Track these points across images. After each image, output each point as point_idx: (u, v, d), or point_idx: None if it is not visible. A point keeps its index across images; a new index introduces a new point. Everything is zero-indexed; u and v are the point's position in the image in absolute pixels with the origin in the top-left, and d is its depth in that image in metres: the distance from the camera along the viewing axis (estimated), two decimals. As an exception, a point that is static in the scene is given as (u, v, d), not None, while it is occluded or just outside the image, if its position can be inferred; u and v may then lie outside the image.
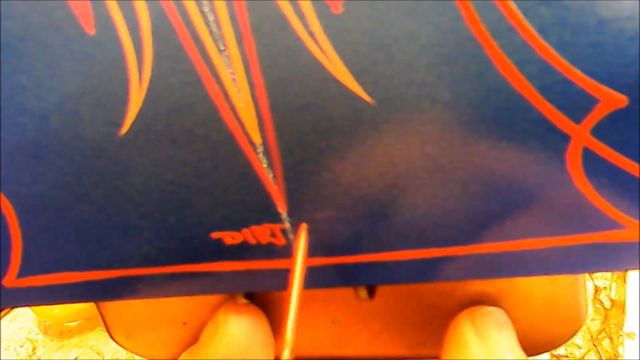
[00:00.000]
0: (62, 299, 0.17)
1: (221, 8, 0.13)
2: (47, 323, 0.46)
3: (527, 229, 0.14)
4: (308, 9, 0.13)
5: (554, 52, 0.12)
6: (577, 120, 0.13)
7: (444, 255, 0.15)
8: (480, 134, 0.13)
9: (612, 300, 0.40)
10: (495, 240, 0.14)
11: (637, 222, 0.14)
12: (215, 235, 0.15)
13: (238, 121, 0.14)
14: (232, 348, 0.17)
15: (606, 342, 0.38)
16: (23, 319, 0.47)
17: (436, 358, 0.19)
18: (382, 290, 0.18)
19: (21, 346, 0.46)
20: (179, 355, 0.20)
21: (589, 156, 0.13)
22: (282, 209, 0.15)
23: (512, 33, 0.12)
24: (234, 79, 0.14)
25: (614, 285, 0.40)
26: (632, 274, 0.40)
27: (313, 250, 0.15)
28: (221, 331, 0.17)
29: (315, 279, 0.16)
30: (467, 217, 0.14)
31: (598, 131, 0.13)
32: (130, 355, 0.21)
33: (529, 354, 0.19)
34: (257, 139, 0.14)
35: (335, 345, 0.19)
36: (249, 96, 0.14)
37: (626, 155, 0.13)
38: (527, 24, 0.12)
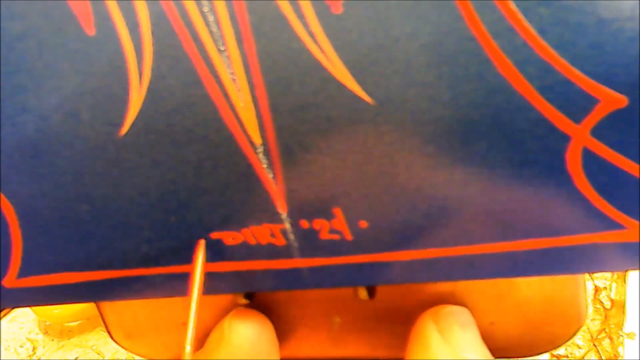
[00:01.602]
0: (62, 299, 0.17)
1: (221, 8, 0.13)
2: (47, 323, 0.46)
3: (527, 229, 0.14)
4: (308, 9, 0.13)
5: (553, 52, 0.12)
6: (577, 121, 0.13)
7: (444, 256, 0.15)
8: (480, 134, 0.13)
9: (612, 300, 0.40)
10: (495, 240, 0.14)
11: (637, 222, 0.14)
12: (215, 235, 0.15)
13: (238, 121, 0.14)
14: (238, 356, 0.17)
15: (606, 342, 0.38)
16: (23, 319, 0.47)
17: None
18: (382, 290, 0.18)
19: (21, 346, 0.46)
20: (179, 355, 0.20)
21: (589, 156, 0.13)
22: (282, 209, 0.15)
23: (512, 33, 0.12)
24: (233, 79, 0.14)
25: (614, 285, 0.40)
26: (632, 274, 0.40)
27: (313, 250, 0.15)
28: (227, 339, 0.17)
29: (315, 278, 0.16)
30: (467, 218, 0.14)
31: (598, 131, 0.13)
32: (130, 355, 0.21)
33: (529, 354, 0.19)
34: (257, 139, 0.14)
35: (335, 345, 0.19)
36: (248, 96, 0.14)
37: (626, 155, 0.13)
38: (526, 24, 0.12)
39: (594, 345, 0.38)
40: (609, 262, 0.14)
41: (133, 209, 0.15)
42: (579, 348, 0.38)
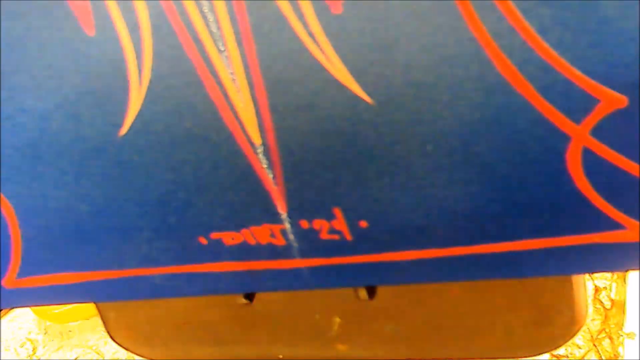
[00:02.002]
0: (62, 299, 0.17)
1: (221, 8, 0.13)
2: (47, 323, 0.46)
3: (527, 229, 0.14)
4: (308, 9, 0.13)
5: (554, 53, 0.12)
6: (577, 121, 0.13)
7: (444, 256, 0.15)
8: (480, 134, 0.13)
9: (612, 300, 0.40)
10: (495, 240, 0.14)
11: (637, 222, 0.14)
12: (215, 235, 0.15)
13: (238, 121, 0.14)
14: None
15: (606, 342, 0.38)
16: (23, 319, 0.47)
17: (436, 358, 0.19)
18: (382, 290, 0.18)
19: (21, 346, 0.46)
20: (179, 355, 0.20)
21: (589, 156, 0.13)
22: (282, 209, 0.15)
23: (512, 33, 0.12)
24: (233, 79, 0.14)
25: (614, 285, 0.40)
26: (632, 274, 0.40)
27: (314, 251, 0.15)
28: None
29: (315, 279, 0.16)
30: (467, 218, 0.14)
31: (598, 131, 0.13)
32: (130, 355, 0.21)
33: (529, 354, 0.19)
34: (257, 139, 0.14)
35: (335, 345, 0.19)
36: (248, 96, 0.14)
37: (626, 155, 0.13)
38: (527, 24, 0.12)
39: (594, 345, 0.38)
40: (609, 262, 0.14)
41: (133, 209, 0.15)
42: (579, 348, 0.38)
